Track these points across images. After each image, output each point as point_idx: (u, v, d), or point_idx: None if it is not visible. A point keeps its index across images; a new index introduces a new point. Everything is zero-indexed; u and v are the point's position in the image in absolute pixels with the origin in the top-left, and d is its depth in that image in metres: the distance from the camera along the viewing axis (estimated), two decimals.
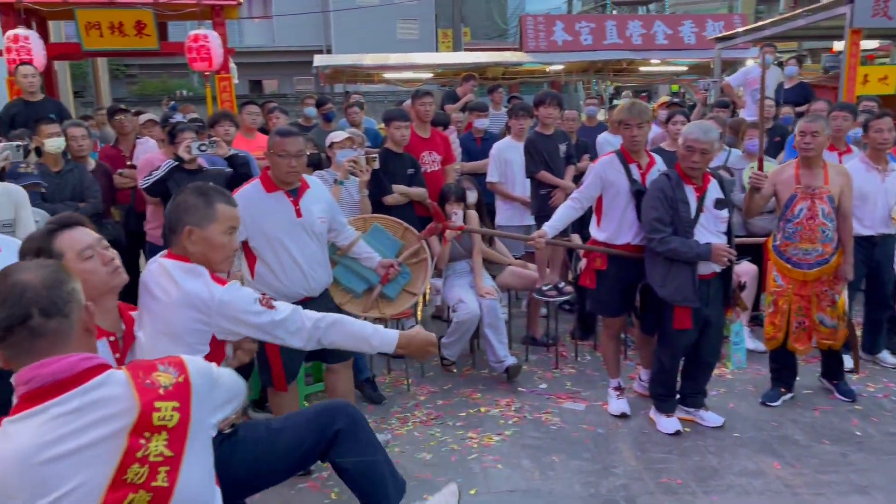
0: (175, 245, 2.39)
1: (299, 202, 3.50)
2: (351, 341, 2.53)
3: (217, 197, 2.42)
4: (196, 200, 2.38)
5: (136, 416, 1.56)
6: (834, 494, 3.37)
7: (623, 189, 4.06)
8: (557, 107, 5.42)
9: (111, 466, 1.53)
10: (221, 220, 2.39)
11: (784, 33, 9.88)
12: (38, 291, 1.56)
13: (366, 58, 14.77)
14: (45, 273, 1.61)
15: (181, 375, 1.67)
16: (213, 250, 2.38)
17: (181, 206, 2.38)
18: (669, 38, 15.53)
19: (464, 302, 4.69)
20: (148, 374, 1.63)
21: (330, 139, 4.86)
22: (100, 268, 2.14)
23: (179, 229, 2.35)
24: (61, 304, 1.59)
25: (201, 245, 2.36)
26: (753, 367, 4.81)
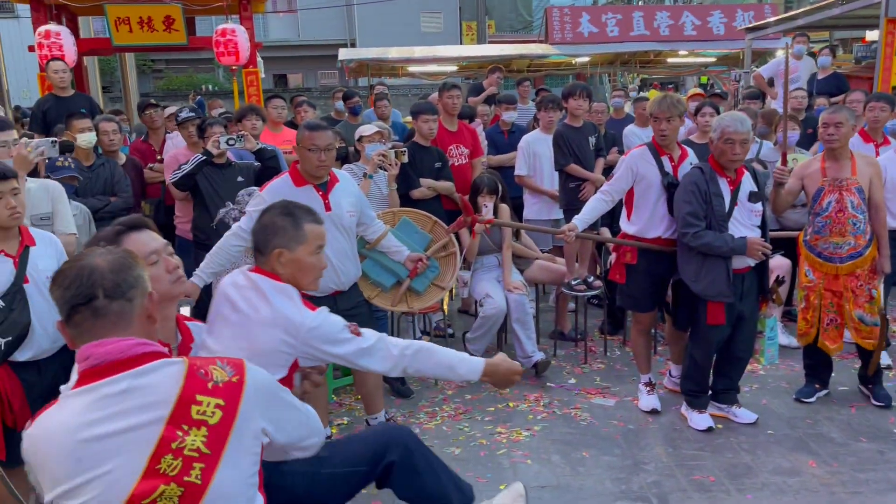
0: (263, 263, 2.36)
1: (329, 196, 3.51)
2: (437, 370, 2.43)
3: (304, 217, 2.37)
4: (284, 222, 2.33)
5: (173, 404, 1.56)
6: (872, 493, 3.30)
7: (655, 182, 4.00)
8: (587, 98, 5.36)
9: (145, 455, 1.53)
10: (310, 240, 2.35)
11: (817, 23, 9.70)
12: (104, 274, 1.62)
13: (390, 51, 14.77)
14: (114, 258, 1.66)
15: (237, 376, 1.66)
16: (302, 272, 2.35)
17: (269, 227, 2.34)
18: (698, 28, 15.33)
19: (491, 297, 4.66)
20: (205, 365, 1.65)
21: (359, 133, 4.86)
22: (163, 275, 2.10)
23: (268, 251, 2.32)
24: (125, 287, 1.64)
25: (291, 267, 2.33)
26: (787, 363, 4.73)
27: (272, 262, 2.32)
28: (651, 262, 4.06)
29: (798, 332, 4.24)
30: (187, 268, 3.59)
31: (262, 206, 3.39)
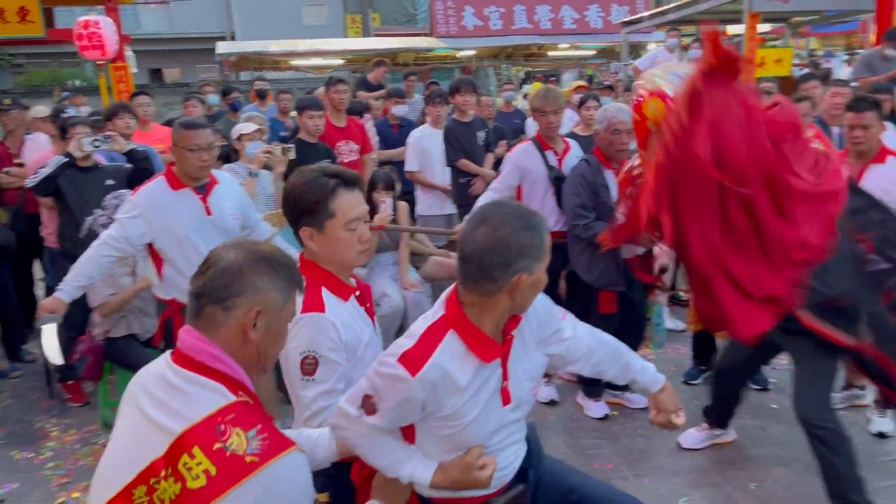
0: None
1: (208, 199, 3.31)
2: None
3: (544, 227, 1.79)
4: (529, 237, 1.71)
5: (177, 436, 1.37)
6: (757, 468, 3.46)
7: (541, 176, 4.04)
8: (474, 93, 5.36)
9: (134, 472, 1.38)
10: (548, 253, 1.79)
11: (686, 17, 10.16)
12: (228, 267, 1.49)
13: (272, 44, 14.35)
14: (242, 258, 1.51)
15: (257, 457, 1.34)
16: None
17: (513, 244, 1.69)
18: (577, 22, 15.76)
19: (388, 296, 4.57)
20: (234, 422, 1.38)
21: (238, 131, 4.62)
22: (354, 243, 2.00)
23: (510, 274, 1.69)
24: (226, 293, 1.48)
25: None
26: (673, 346, 4.90)
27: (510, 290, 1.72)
28: None
29: (689, 318, 4.40)
30: (56, 282, 3.30)
31: (133, 213, 3.16)
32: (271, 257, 1.54)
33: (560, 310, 2.06)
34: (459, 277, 1.75)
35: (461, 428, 1.77)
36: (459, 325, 1.75)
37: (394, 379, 1.70)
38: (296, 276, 1.59)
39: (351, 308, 2.05)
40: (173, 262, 3.23)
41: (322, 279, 2.01)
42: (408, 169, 5.59)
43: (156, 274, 3.29)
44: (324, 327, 1.93)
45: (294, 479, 1.40)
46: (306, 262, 2.04)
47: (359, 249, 2.03)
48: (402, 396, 1.71)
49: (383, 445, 1.82)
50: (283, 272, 1.53)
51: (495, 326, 1.78)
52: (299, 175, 2.04)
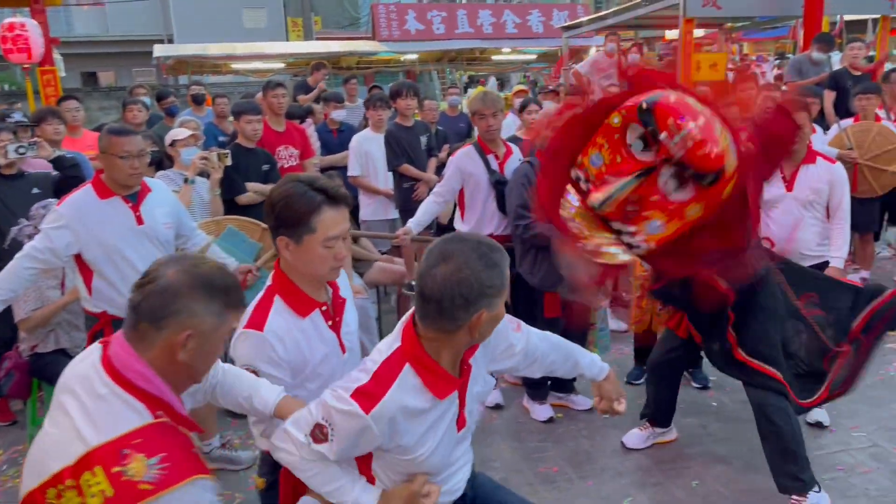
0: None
1: (140, 207, 3.19)
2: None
3: (505, 261, 1.77)
4: (492, 276, 1.70)
5: (85, 452, 1.40)
6: (698, 466, 3.51)
7: (483, 180, 4.04)
8: (415, 97, 5.34)
9: (47, 473, 1.42)
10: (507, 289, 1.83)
11: (625, 22, 10.35)
12: (163, 288, 1.51)
13: (211, 47, 14.09)
14: (180, 279, 1.52)
15: (153, 485, 1.37)
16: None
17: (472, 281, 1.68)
18: (519, 27, 15.92)
19: None
20: (139, 448, 1.40)
21: (171, 137, 4.48)
22: (329, 260, 1.97)
23: (470, 314, 1.70)
24: (160, 314, 1.50)
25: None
26: (616, 346, 4.95)
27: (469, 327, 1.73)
28: None
29: (632, 319, 4.43)
30: None
31: (59, 223, 3.03)
32: (210, 280, 1.55)
33: (513, 321, 2.05)
34: (418, 314, 1.73)
35: (421, 459, 1.78)
36: (416, 358, 1.73)
37: (348, 414, 1.69)
38: (233, 298, 1.59)
39: (307, 325, 2.02)
40: (103, 274, 3.11)
41: (283, 290, 2.01)
42: (350, 174, 5.52)
43: (84, 286, 3.16)
44: (258, 344, 1.93)
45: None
46: (279, 270, 2.05)
47: (332, 266, 2.00)
48: (355, 431, 1.70)
49: (327, 472, 1.79)
50: (219, 296, 1.55)
51: (453, 360, 1.78)
52: (287, 184, 2.00)
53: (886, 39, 9.41)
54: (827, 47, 7.44)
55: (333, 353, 2.08)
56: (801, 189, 3.86)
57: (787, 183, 3.88)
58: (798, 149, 3.82)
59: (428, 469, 1.82)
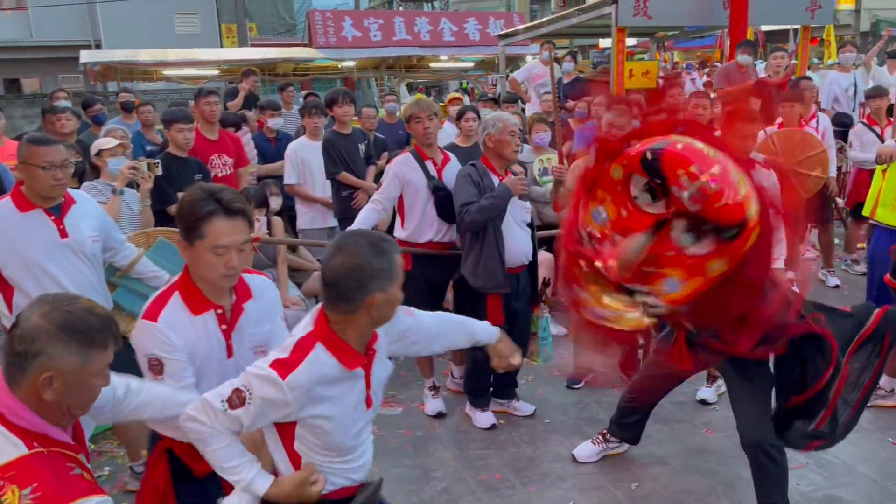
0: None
1: (63, 220, 3.06)
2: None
3: (394, 250, 1.97)
4: (380, 262, 1.91)
5: None
6: (637, 468, 3.57)
7: (421, 186, 4.03)
8: (351, 104, 5.29)
9: None
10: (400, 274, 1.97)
11: (559, 31, 10.51)
12: (24, 333, 1.59)
13: (141, 53, 13.70)
14: (40, 323, 1.59)
15: None
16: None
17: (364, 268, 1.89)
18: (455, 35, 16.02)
19: None
20: (13, 480, 1.47)
21: (97, 146, 4.32)
22: (219, 267, 2.07)
23: (364, 295, 1.89)
24: (21, 358, 1.58)
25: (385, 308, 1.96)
26: (557, 351, 4.98)
27: (367, 307, 1.92)
28: (426, 266, 4.08)
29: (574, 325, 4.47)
30: None
31: None
32: (69, 323, 1.61)
33: (407, 309, 2.20)
34: (324, 301, 1.99)
35: (332, 427, 1.96)
36: (327, 339, 1.94)
37: (265, 379, 1.87)
38: (97, 337, 1.64)
39: (198, 322, 2.14)
40: (24, 290, 2.97)
41: (183, 287, 2.16)
42: (286, 182, 5.43)
43: (4, 303, 3.01)
44: (151, 332, 2.08)
45: None
46: (186, 268, 2.19)
47: (222, 273, 2.10)
48: (270, 396, 1.87)
49: (232, 449, 1.96)
50: (78, 338, 1.60)
51: (359, 340, 1.99)
52: (192, 190, 2.14)
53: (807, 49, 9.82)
54: (751, 51, 7.75)
55: (217, 356, 2.19)
56: None
57: None
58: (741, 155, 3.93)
59: (339, 445, 2.00)
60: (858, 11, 22.35)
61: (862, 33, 21.42)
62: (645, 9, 8.39)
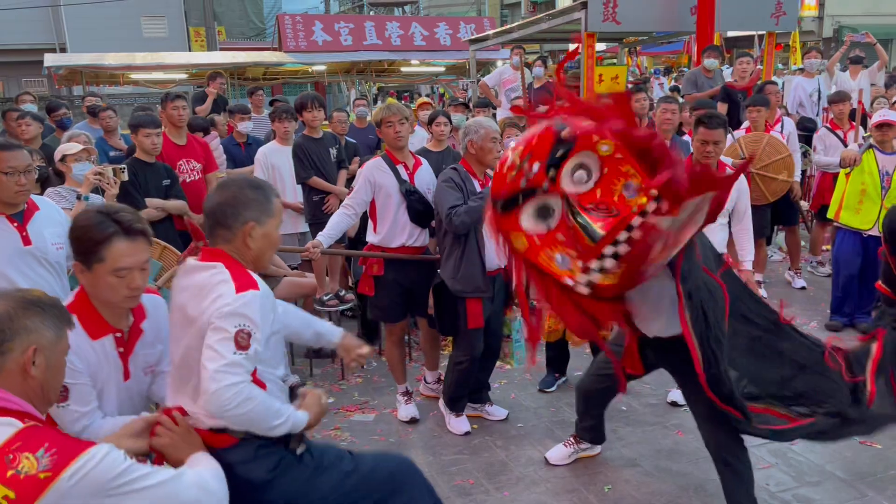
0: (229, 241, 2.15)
1: (26, 227, 3.00)
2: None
3: (271, 191, 2.24)
4: (254, 194, 2.16)
5: None
6: (609, 471, 3.58)
7: (393, 190, 4.01)
8: (321, 108, 5.25)
9: None
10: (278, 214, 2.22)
11: (530, 36, 10.57)
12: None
13: (107, 57, 13.48)
14: (10, 304, 1.67)
15: (49, 472, 1.52)
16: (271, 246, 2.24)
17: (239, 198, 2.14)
18: (426, 39, 16.01)
19: None
20: (21, 449, 1.53)
21: (61, 151, 4.23)
22: (121, 289, 2.09)
23: (239, 223, 2.12)
24: (3, 337, 1.64)
25: (261, 242, 2.17)
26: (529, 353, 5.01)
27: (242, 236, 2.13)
28: (398, 271, 4.06)
29: (546, 329, 4.47)
30: None
31: None
32: (38, 301, 1.73)
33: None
34: (207, 233, 2.18)
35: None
36: (231, 266, 2.08)
37: (249, 300, 1.99)
38: (64, 314, 1.79)
39: (97, 346, 2.15)
40: None
41: (81, 310, 2.13)
42: None
43: None
44: None
45: (97, 468, 1.58)
46: (82, 289, 2.18)
47: (126, 295, 2.12)
48: (262, 308, 2.01)
49: (267, 395, 2.02)
50: (51, 311, 1.73)
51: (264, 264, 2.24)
52: (87, 213, 2.18)
53: (772, 54, 9.99)
54: (717, 55, 7.87)
55: (115, 378, 2.21)
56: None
57: None
58: (714, 162, 3.99)
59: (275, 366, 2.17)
60: (822, 18, 22.80)
61: (825, 39, 21.86)
62: (614, 14, 8.49)
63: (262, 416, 1.99)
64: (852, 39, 9.34)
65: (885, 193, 5.16)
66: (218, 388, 1.90)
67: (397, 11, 27.35)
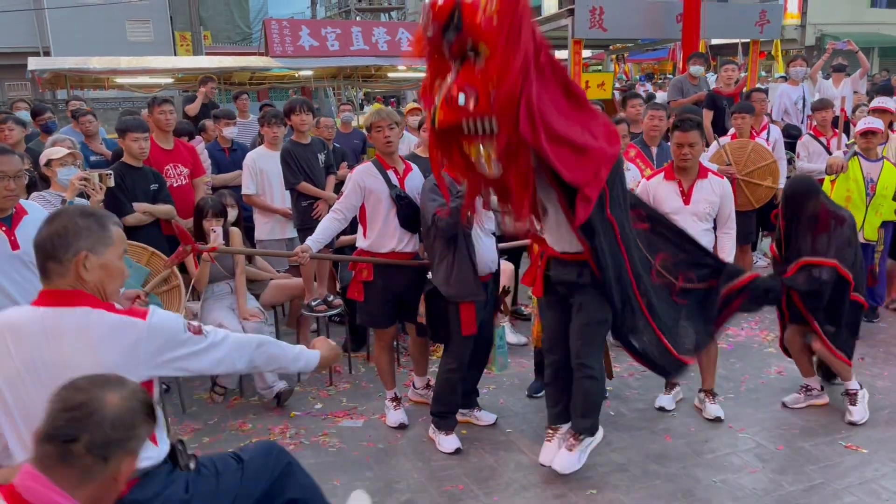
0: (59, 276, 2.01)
1: (14, 231, 2.99)
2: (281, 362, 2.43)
3: (109, 218, 2.13)
4: (87, 222, 2.03)
5: None
6: (597, 476, 3.59)
7: (383, 195, 4.01)
8: (309, 113, 5.24)
9: None
10: (117, 243, 2.10)
11: None
12: (104, 423, 1.47)
13: (92, 61, 13.38)
14: (125, 406, 1.52)
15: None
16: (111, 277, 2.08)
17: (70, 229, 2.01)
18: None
19: (224, 327, 4.33)
20: None
21: (47, 156, 4.20)
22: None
23: (70, 255, 1.99)
24: (114, 446, 1.46)
25: (98, 272, 2.03)
26: (517, 360, 5.03)
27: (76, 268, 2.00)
28: (387, 277, 4.05)
29: (534, 335, 4.48)
30: None
31: None
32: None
33: (192, 327, 2.16)
34: (39, 272, 2.04)
35: None
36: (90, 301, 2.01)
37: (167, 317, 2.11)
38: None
39: None
40: None
41: None
42: (244, 192, 5.35)
43: None
44: None
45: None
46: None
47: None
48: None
49: (273, 340, 2.36)
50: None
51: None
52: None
53: (756, 62, 10.11)
54: (702, 62, 7.96)
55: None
56: (697, 203, 4.08)
57: (685, 197, 4.09)
58: (691, 164, 4.05)
59: None
60: (804, 26, 23.09)
61: (807, 47, 22.13)
62: (600, 21, 8.56)
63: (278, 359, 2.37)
64: (834, 47, 9.45)
65: (870, 200, 5.23)
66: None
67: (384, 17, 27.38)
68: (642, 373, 4.86)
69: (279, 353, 2.36)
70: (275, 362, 2.37)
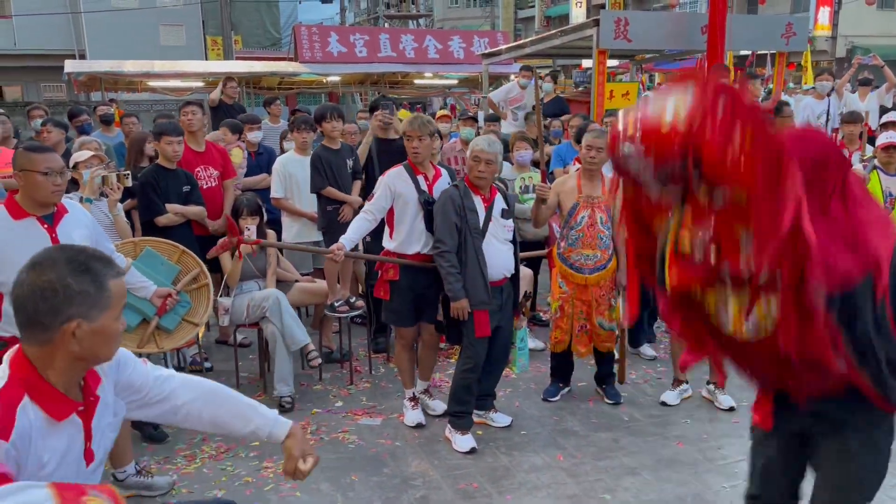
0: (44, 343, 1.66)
1: (56, 229, 3.12)
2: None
3: (105, 270, 1.71)
4: (80, 283, 1.64)
5: None
6: (610, 479, 3.67)
7: (412, 200, 4.13)
8: (340, 119, 5.36)
9: None
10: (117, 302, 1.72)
11: (542, 51, 10.73)
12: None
13: (126, 64, 13.73)
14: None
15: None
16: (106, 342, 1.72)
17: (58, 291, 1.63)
18: (440, 52, 16.20)
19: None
20: (77, 497, 1.40)
21: (74, 160, 4.38)
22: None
23: (57, 324, 1.63)
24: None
25: (90, 341, 1.67)
26: (534, 364, 5.11)
27: (62, 337, 1.63)
28: (412, 277, 4.17)
29: (552, 339, 4.57)
30: None
31: None
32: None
33: (153, 367, 1.98)
34: (18, 329, 1.67)
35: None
36: (28, 383, 1.64)
37: None
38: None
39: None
40: None
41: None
42: (273, 195, 5.50)
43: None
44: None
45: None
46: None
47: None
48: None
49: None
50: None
51: (66, 379, 1.69)
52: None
53: (783, 74, 10.10)
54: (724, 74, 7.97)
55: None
56: None
57: None
58: None
59: None
60: (835, 38, 22.89)
61: (838, 59, 21.94)
62: (625, 32, 8.62)
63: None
64: (860, 62, 9.42)
65: (889, 214, 5.23)
66: None
67: (412, 24, 27.60)
68: (657, 379, 4.93)
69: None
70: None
